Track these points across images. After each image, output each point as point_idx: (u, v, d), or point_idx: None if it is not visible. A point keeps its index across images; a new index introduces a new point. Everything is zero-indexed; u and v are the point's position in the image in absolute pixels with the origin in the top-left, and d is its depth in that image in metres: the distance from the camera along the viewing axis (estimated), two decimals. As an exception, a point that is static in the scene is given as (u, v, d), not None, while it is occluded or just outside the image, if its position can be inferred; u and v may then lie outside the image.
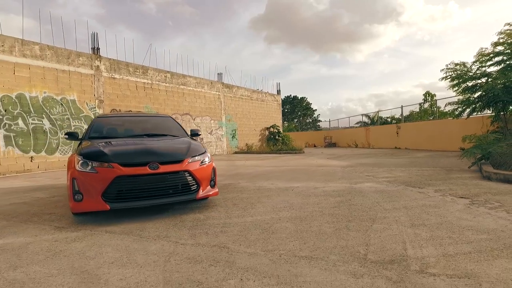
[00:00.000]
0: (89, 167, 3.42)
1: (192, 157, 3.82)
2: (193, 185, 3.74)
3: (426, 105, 19.64)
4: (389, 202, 3.86)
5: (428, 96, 20.78)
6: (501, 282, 1.79)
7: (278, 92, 23.77)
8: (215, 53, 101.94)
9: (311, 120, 56.04)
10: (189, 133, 5.05)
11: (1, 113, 9.07)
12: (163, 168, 3.54)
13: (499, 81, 8.48)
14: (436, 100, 17.94)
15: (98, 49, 11.81)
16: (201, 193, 3.78)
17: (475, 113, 9.83)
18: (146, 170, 3.46)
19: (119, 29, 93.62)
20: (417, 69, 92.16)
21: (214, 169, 4.10)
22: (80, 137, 4.53)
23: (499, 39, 9.05)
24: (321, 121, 52.58)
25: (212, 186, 4.02)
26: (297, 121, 54.23)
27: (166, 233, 2.99)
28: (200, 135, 5.35)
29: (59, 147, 10.45)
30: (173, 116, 13.27)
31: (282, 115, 25.21)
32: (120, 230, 3.13)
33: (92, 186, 3.36)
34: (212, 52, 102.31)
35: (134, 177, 3.41)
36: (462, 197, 3.94)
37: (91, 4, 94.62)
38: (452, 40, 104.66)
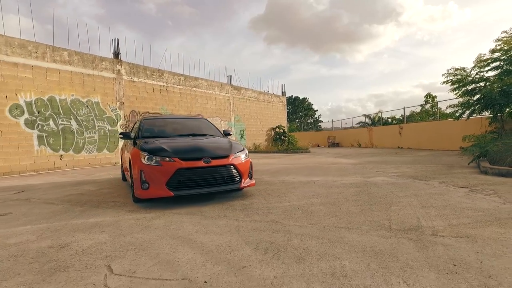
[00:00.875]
0: (154, 161, 4.14)
1: (235, 153, 4.54)
2: (237, 176, 4.45)
3: (428, 106, 20.36)
4: (401, 191, 4.58)
5: (430, 98, 21.52)
6: (490, 239, 2.51)
7: (283, 93, 24.50)
8: (215, 53, 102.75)
9: (312, 121, 56.73)
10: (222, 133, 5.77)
11: (35, 114, 9.78)
12: (214, 162, 4.25)
13: (496, 85, 9.20)
14: (437, 102, 18.68)
15: (119, 54, 12.52)
16: (243, 183, 4.49)
17: (474, 115, 10.53)
18: (201, 163, 4.17)
19: (119, 29, 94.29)
20: (416, 69, 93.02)
21: (251, 164, 4.81)
22: (133, 136, 5.24)
23: (496, 46, 9.78)
24: (322, 121, 53.30)
25: (250, 178, 4.73)
26: (299, 121, 54.96)
27: (224, 214, 3.70)
28: (231, 135, 6.06)
29: (85, 146, 11.15)
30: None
31: (286, 116, 25.86)
32: (184, 212, 3.84)
33: (157, 177, 4.07)
34: (212, 52, 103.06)
35: (192, 169, 4.13)
36: (462, 187, 4.67)
37: (91, 4, 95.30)
38: (451, 40, 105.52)
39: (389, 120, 22.36)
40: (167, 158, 4.14)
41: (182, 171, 4.08)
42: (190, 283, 1.96)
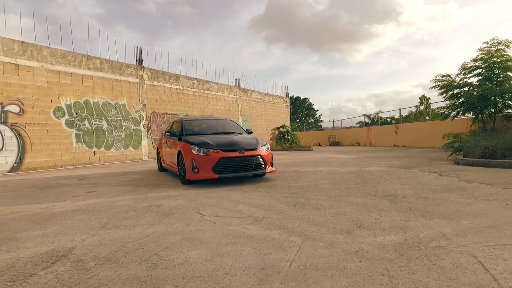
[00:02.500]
0: (202, 152, 5.52)
1: (261, 146, 5.93)
2: (262, 164, 5.84)
3: (422, 107, 21.76)
4: (387, 176, 5.97)
5: (424, 99, 22.94)
6: (438, 199, 3.91)
7: (287, 94, 25.90)
8: (215, 53, 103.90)
9: (313, 120, 58.14)
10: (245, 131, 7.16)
11: (73, 115, 11.17)
12: (246, 153, 5.64)
13: (476, 90, 10.58)
14: (430, 103, 20.09)
15: (141, 61, 13.92)
16: (267, 170, 5.89)
17: (459, 116, 11.91)
18: (237, 154, 5.57)
19: (119, 29, 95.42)
20: (416, 69, 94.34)
21: (272, 155, 6.21)
22: (178, 134, 6.61)
23: (477, 55, 11.16)
24: (322, 121, 54.70)
25: (272, 166, 6.13)
26: (300, 121, 56.39)
27: (257, 189, 5.09)
28: (252, 133, 7.43)
29: (114, 144, 12.54)
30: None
31: (290, 116, 27.21)
32: (227, 189, 5.23)
33: (204, 164, 5.46)
34: (212, 52, 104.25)
35: (231, 158, 5.52)
36: (434, 173, 6.07)
37: (90, 4, 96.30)
38: (451, 40, 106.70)
39: (388, 120, 23.69)
40: (212, 150, 5.53)
41: (224, 159, 5.47)
42: (254, 218, 3.35)
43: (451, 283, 1.79)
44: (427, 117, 20.13)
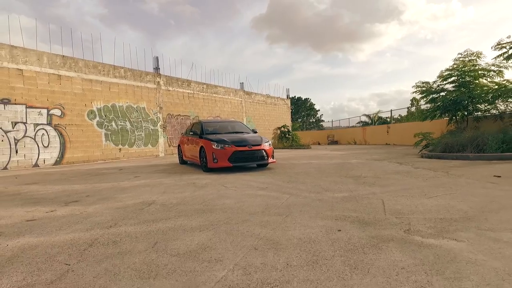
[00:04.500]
0: (220, 146, 7.31)
1: (264, 143, 7.72)
2: (265, 156, 7.63)
3: (413, 108, 23.45)
4: (362, 165, 7.74)
5: (414, 101, 24.62)
6: (387, 178, 5.67)
7: (288, 96, 27.66)
8: (217, 52, 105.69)
9: (314, 120, 59.80)
10: (251, 130, 8.94)
11: (103, 117, 13.01)
12: (253, 148, 7.43)
13: (450, 96, 12.28)
14: (420, 105, 21.78)
15: (158, 68, 15.74)
16: (269, 161, 7.68)
17: (437, 118, 13.61)
18: (246, 148, 7.36)
19: (122, 29, 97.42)
20: (420, 68, 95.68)
21: (273, 150, 7.99)
22: (199, 133, 8.40)
23: (452, 65, 12.85)
24: (323, 121, 56.35)
25: (273, 158, 7.92)
26: (301, 121, 58.08)
27: (262, 174, 6.86)
28: (257, 132, 9.22)
29: (135, 142, 14.38)
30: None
31: (291, 117, 28.92)
32: (239, 174, 7.01)
33: (222, 156, 7.25)
34: (214, 51, 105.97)
35: (242, 151, 7.31)
36: (398, 163, 7.83)
37: (93, 4, 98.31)
38: (455, 39, 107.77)
39: (388, 119, 25.31)
40: (227, 145, 7.32)
41: (237, 152, 7.27)
42: (260, 187, 5.13)
43: (361, 207, 3.56)
44: (423, 117, 21.81)
